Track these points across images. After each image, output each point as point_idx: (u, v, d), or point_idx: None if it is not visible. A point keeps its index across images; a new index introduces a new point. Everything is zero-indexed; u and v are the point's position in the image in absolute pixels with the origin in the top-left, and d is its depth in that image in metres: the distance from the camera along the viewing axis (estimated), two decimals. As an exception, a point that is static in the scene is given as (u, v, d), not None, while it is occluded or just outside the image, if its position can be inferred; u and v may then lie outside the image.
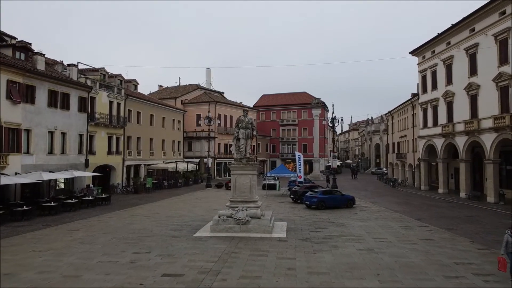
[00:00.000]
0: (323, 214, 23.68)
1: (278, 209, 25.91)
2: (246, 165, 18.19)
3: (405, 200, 32.07)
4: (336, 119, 41.34)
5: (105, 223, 20.52)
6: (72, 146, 31.85)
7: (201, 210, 25.09)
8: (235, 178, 18.30)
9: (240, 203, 17.93)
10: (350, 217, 22.62)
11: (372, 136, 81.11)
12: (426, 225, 19.85)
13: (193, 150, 58.69)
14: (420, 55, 40.97)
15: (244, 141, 18.59)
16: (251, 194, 18.13)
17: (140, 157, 42.39)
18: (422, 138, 40.67)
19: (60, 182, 32.90)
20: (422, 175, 41.04)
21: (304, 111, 75.15)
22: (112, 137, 37.36)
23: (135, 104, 41.62)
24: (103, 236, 16.99)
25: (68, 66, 32.50)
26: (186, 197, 34.24)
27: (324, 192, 26.13)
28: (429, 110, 39.04)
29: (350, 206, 26.51)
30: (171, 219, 21.70)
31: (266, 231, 17.14)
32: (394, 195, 36.06)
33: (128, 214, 23.64)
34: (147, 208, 26.44)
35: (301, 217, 22.35)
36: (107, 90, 36.57)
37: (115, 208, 26.56)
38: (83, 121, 33.23)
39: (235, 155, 18.95)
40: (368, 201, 30.90)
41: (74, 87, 31.86)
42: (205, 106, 58.80)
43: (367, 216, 22.82)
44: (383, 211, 25.33)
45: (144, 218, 22.15)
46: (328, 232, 17.77)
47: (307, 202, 26.10)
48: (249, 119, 18.91)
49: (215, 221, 17.65)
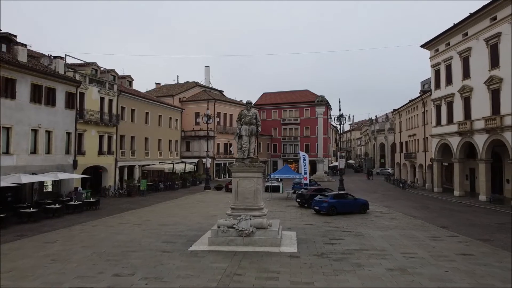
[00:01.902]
0: (336, 221, 21.12)
1: (284, 215, 23.35)
2: (250, 166, 15.61)
3: (421, 203, 29.51)
4: (343, 116, 38.65)
5: (88, 233, 17.92)
6: (58, 146, 29.25)
7: (198, 217, 22.51)
8: (237, 181, 15.72)
9: (243, 211, 15.37)
10: (366, 224, 20.05)
11: (377, 136, 78.54)
12: (455, 235, 17.30)
13: (191, 150, 56.12)
14: (433, 48, 38.40)
15: (247, 138, 16.00)
16: (255, 200, 15.56)
17: (134, 158, 39.79)
18: (435, 137, 38.10)
19: (48, 185, 30.33)
20: (435, 176, 38.45)
21: (307, 110, 72.53)
22: (103, 136, 34.76)
23: (128, 101, 39.02)
24: (81, 250, 14.40)
25: (54, 59, 29.87)
26: (182, 200, 31.65)
27: (335, 196, 23.55)
28: (443, 107, 36.47)
29: (364, 212, 23.95)
30: (164, 227, 19.11)
31: (273, 244, 14.57)
32: (408, 198, 33.49)
33: (116, 222, 21.05)
34: (139, 214, 23.85)
35: (312, 225, 19.78)
36: (97, 86, 33.97)
37: (103, 214, 23.99)
38: (71, 118, 30.62)
39: (237, 155, 16.38)
40: (381, 205, 28.33)
41: (60, 81, 29.25)
42: (203, 104, 56.28)
43: (385, 224, 20.25)
44: (401, 217, 22.76)
45: (133, 226, 19.56)
46: (346, 245, 15.20)
47: (316, 207, 23.54)
48: (253, 113, 16.32)
49: (214, 233, 15.08)
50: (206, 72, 75.27)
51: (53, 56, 30.02)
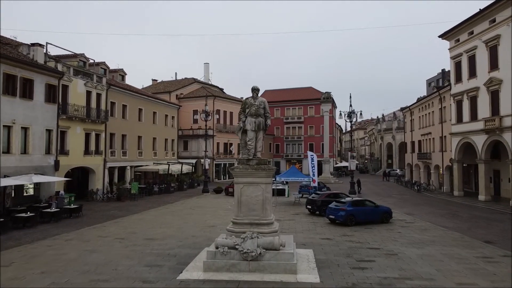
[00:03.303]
0: (357, 233, 17.75)
1: (294, 225, 19.99)
2: (257, 169, 12.22)
3: (447, 210, 26.13)
4: (354, 113, 35.12)
5: (56, 251, 14.54)
6: (37, 145, 25.89)
7: (194, 228, 19.13)
8: (240, 189, 12.32)
9: (248, 227, 12.00)
10: (395, 238, 16.68)
11: (384, 135, 75.06)
12: (508, 254, 13.92)
13: (189, 149, 52.75)
14: (453, 38, 35.02)
15: (253, 134, 12.62)
16: (264, 213, 12.18)
17: (126, 158, 36.39)
18: (455, 135, 34.71)
19: (29, 188, 27.04)
20: (456, 179, 35.05)
21: (311, 107, 69.12)
22: (90, 134, 31.36)
23: (119, 95, 35.62)
24: (38, 279, 11.05)
25: (32, 46, 26.48)
26: (177, 206, 28.26)
27: (354, 203, 20.16)
28: (465, 102, 33.08)
29: (387, 221, 20.59)
30: (150, 243, 15.74)
31: (288, 271, 11.21)
32: (429, 204, 30.11)
33: (95, 234, 17.67)
34: (124, 224, 20.47)
35: (329, 240, 16.41)
36: (84, 78, 30.58)
37: (83, 224, 20.62)
38: (51, 113, 27.25)
39: (240, 155, 12.99)
40: (402, 211, 24.95)
41: (39, 71, 25.91)
42: (202, 101, 52.62)
43: (417, 238, 16.87)
44: (431, 228, 19.38)
45: (114, 241, 16.18)
46: (380, 270, 11.83)
47: (331, 215, 20.16)
48: (260, 102, 12.93)
49: (211, 255, 11.71)
50: (205, 69, 71.85)
51: (31, 43, 26.59)
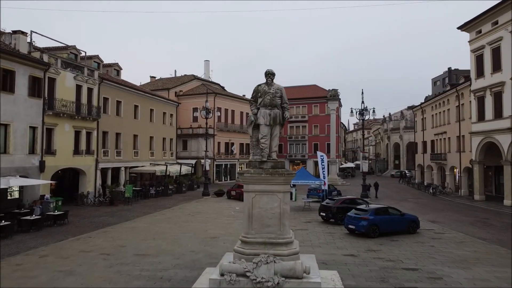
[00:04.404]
0: (384, 247, 15.16)
1: (308, 236, 17.39)
2: (273, 174, 9.62)
3: (475, 217, 23.53)
4: (367, 110, 32.47)
5: (25, 271, 11.93)
6: (19, 143, 23.29)
7: (193, 240, 16.51)
8: (252, 199, 9.70)
9: (262, 247, 9.41)
10: (431, 255, 14.06)
11: (391, 135, 72.44)
12: None
13: (188, 149, 50.13)
14: (474, 30, 32.43)
15: (268, 129, 10.02)
16: (282, 229, 9.58)
17: (120, 158, 33.75)
18: (476, 135, 32.10)
19: (14, 191, 24.45)
20: (477, 182, 32.43)
21: (316, 106, 66.45)
22: (80, 132, 28.76)
23: (113, 91, 33.00)
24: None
25: (14, 34, 23.87)
26: (175, 211, 25.64)
27: (377, 212, 17.53)
28: (488, 99, 30.49)
29: (414, 232, 18.00)
30: (141, 260, 13.12)
31: (315, 307, 8.62)
32: (451, 209, 27.49)
33: (77, 248, 15.04)
34: (114, 234, 17.85)
35: (354, 257, 13.79)
36: (73, 71, 27.98)
37: (67, 233, 18.03)
38: (36, 109, 24.66)
39: (251, 156, 10.39)
40: (425, 219, 22.29)
41: (21, 62, 23.32)
42: (202, 99, 50.00)
43: (457, 254, 14.25)
44: (468, 240, 16.77)
45: (98, 258, 13.55)
46: (431, 304, 9.23)
47: (351, 225, 17.54)
48: (277, 89, 10.38)
49: (215, 284, 9.11)
50: (205, 66, 69.17)
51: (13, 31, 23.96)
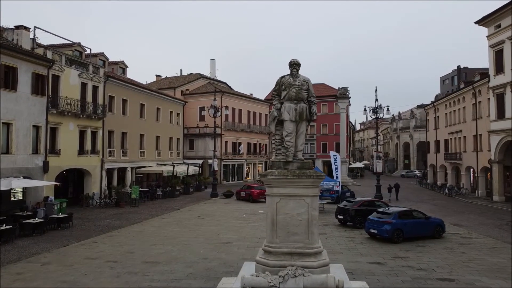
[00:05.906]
0: (411, 254, 14.05)
1: (328, 240, 16.31)
2: (300, 176, 8.56)
3: (499, 220, 22.33)
4: (381, 108, 31.23)
5: (25, 282, 10.96)
6: (21, 143, 22.40)
7: (205, 245, 15.48)
8: (276, 204, 8.65)
9: (288, 258, 8.38)
10: (464, 263, 12.93)
11: (400, 134, 71.04)
12: None
13: (195, 149, 49.19)
14: (492, 24, 31.14)
15: (293, 126, 8.94)
16: (310, 238, 8.54)
17: (126, 158, 32.82)
18: (495, 133, 30.81)
19: (18, 192, 23.64)
20: (496, 182, 31.15)
21: (324, 105, 65.09)
22: (85, 131, 27.86)
23: (119, 89, 32.09)
24: None
25: (17, 29, 22.99)
26: (183, 213, 24.65)
27: (401, 215, 16.41)
28: (509, 95, 29.19)
29: (439, 236, 16.87)
30: (150, 269, 12.12)
31: (350, 327, 7.56)
32: (472, 211, 26.26)
33: (82, 254, 14.08)
34: (120, 239, 16.87)
35: (381, 265, 12.71)
36: (78, 68, 27.09)
37: (72, 238, 17.09)
38: (40, 107, 23.76)
39: (274, 155, 9.32)
40: (448, 222, 21.00)
41: (24, 58, 22.42)
42: (209, 98, 49.01)
43: (491, 262, 13.11)
44: (499, 246, 15.62)
45: (104, 265, 12.57)
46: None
47: (372, 230, 16.44)
48: (303, 80, 9.21)
49: (235, 300, 8.09)
50: (211, 65, 68.32)
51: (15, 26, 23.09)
